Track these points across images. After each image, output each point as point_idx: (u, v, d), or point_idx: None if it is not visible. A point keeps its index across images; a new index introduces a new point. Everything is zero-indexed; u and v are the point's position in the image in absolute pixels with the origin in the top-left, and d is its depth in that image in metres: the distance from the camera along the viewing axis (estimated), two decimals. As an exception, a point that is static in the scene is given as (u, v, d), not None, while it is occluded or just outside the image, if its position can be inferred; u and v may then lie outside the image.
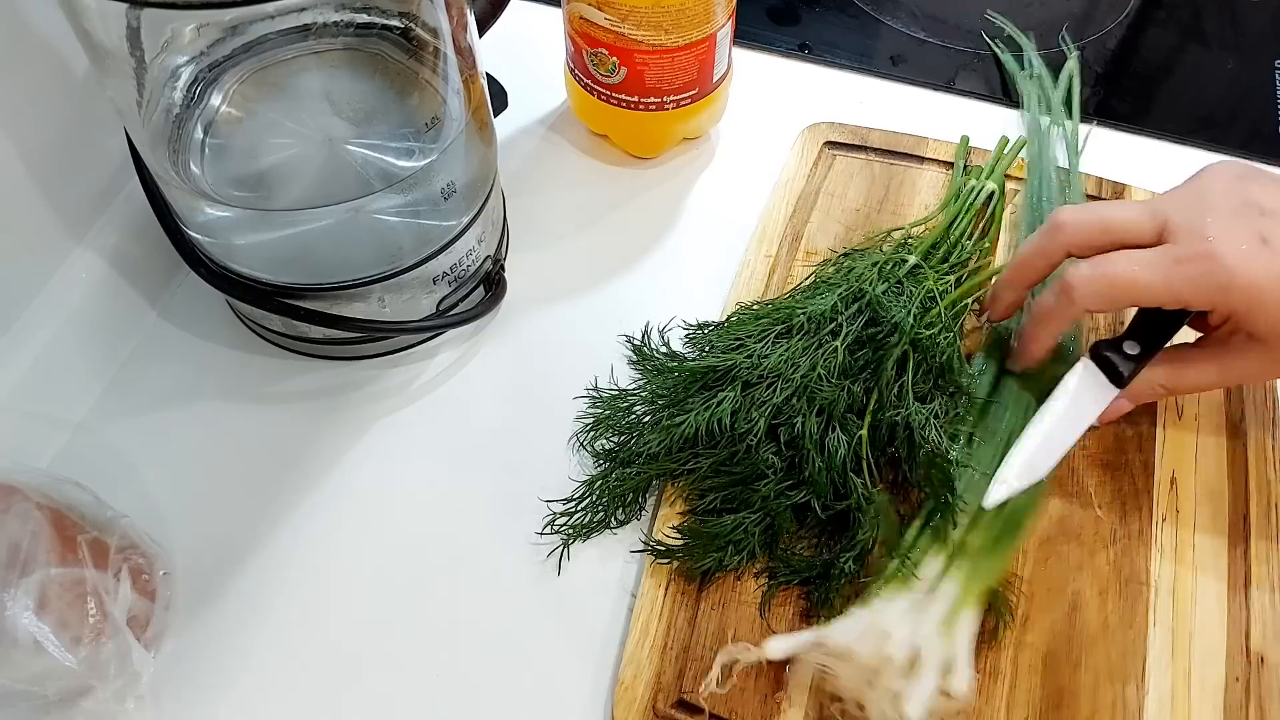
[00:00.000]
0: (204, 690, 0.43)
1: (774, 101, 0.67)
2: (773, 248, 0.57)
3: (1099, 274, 0.43)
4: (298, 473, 0.50)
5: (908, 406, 0.46)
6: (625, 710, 0.41)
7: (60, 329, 0.50)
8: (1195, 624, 0.44)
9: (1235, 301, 0.41)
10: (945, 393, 0.47)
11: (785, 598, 0.45)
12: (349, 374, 0.54)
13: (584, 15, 0.55)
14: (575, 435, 0.51)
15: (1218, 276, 0.41)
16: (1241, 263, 0.41)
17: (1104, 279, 0.43)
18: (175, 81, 0.47)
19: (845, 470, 0.45)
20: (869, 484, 0.45)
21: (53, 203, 0.50)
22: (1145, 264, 0.42)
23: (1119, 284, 0.43)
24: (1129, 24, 0.75)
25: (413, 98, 0.51)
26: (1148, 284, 0.42)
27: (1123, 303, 0.44)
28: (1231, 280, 0.40)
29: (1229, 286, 0.41)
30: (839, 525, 0.45)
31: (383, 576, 0.47)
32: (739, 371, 0.47)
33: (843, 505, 0.45)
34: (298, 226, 0.47)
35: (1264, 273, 0.41)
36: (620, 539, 0.47)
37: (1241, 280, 0.40)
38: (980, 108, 0.68)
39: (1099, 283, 0.43)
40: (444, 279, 0.52)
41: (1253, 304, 0.41)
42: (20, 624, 0.38)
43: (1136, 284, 0.42)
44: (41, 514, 0.41)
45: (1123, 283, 0.43)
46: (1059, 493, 0.48)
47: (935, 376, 0.47)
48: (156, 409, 0.52)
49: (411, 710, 0.43)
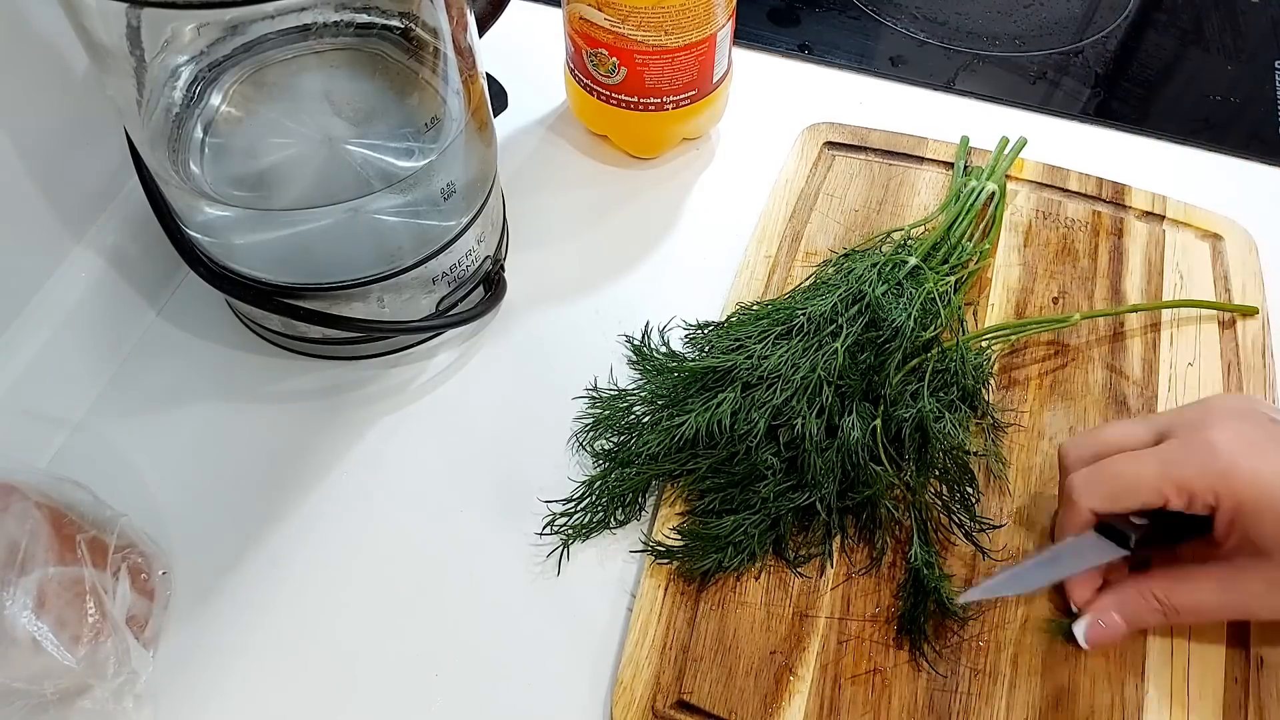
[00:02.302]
0: (202, 689, 0.43)
1: (774, 102, 0.67)
2: (772, 248, 0.57)
3: (1096, 471, 0.42)
4: (297, 472, 0.50)
5: (922, 400, 0.46)
6: (624, 710, 0.41)
7: (59, 328, 0.50)
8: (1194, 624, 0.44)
9: (1240, 492, 0.38)
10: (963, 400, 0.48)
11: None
12: (349, 374, 0.54)
13: (584, 15, 0.55)
14: (575, 435, 0.51)
15: (1219, 463, 0.39)
16: (1244, 453, 0.39)
17: (1100, 475, 0.42)
18: (175, 81, 0.47)
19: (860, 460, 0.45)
20: (890, 470, 0.45)
21: (52, 202, 0.49)
22: (1143, 457, 0.41)
23: (1117, 478, 0.41)
24: (1129, 25, 0.75)
25: (412, 98, 0.51)
26: (1147, 474, 0.40)
27: (1124, 498, 0.41)
28: (1234, 468, 0.39)
29: (1231, 475, 0.39)
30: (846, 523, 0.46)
31: (382, 576, 0.47)
32: (739, 372, 0.47)
33: (861, 496, 0.45)
34: (297, 226, 0.47)
35: (1271, 470, 0.38)
36: (620, 539, 0.47)
37: (1245, 470, 0.38)
38: (980, 108, 0.68)
39: (1096, 479, 0.42)
40: (444, 279, 0.51)
41: (1260, 499, 0.38)
42: (19, 623, 0.38)
43: (1135, 475, 0.41)
44: (40, 513, 0.41)
45: (1121, 476, 0.41)
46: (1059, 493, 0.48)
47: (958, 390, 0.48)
48: (156, 408, 0.52)
49: (411, 710, 0.43)
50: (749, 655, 0.43)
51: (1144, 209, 0.59)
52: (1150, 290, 0.55)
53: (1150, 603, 0.42)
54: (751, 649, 0.43)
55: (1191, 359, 0.52)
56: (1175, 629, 0.44)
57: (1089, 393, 0.51)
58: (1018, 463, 0.49)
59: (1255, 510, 0.38)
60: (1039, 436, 0.50)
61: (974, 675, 0.42)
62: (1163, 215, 0.58)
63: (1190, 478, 0.39)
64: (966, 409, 0.48)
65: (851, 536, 0.46)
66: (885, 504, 0.46)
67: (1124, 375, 0.52)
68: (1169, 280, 0.56)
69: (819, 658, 0.43)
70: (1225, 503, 0.39)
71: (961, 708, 0.42)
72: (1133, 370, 0.52)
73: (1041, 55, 0.72)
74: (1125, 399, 0.51)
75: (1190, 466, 0.40)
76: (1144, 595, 0.42)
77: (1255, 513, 0.38)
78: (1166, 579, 0.42)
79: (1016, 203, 0.59)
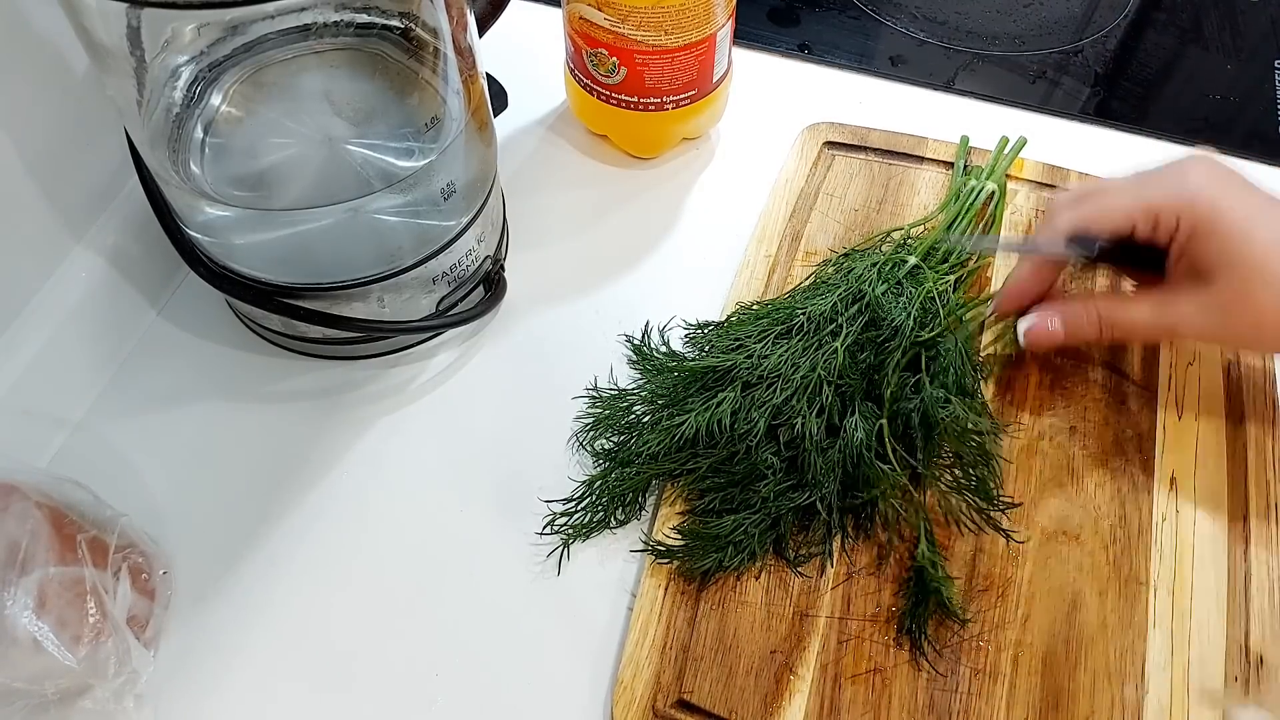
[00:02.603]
0: (203, 689, 0.43)
1: (774, 102, 0.67)
2: (772, 248, 0.57)
3: (1076, 193, 0.48)
4: (297, 472, 0.50)
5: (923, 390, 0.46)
6: (624, 710, 0.41)
7: (60, 328, 0.50)
8: (1194, 624, 0.44)
9: (1198, 213, 0.43)
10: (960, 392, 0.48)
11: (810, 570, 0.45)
12: (349, 374, 0.54)
13: (584, 15, 0.55)
14: (575, 435, 0.51)
15: (1187, 189, 0.44)
16: (1211, 185, 0.44)
17: (1078, 196, 0.47)
18: (175, 81, 0.47)
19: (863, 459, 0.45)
20: (897, 468, 0.45)
21: (52, 202, 0.49)
22: (1119, 185, 0.47)
23: (1093, 200, 0.46)
24: (1129, 24, 0.75)
25: (412, 98, 0.51)
26: (1121, 198, 0.45)
27: (1098, 220, 0.46)
28: (1199, 193, 0.43)
29: (1195, 200, 0.43)
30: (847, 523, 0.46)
31: (382, 576, 0.47)
32: (739, 372, 0.47)
33: (868, 496, 0.45)
34: (297, 226, 0.47)
35: (1232, 198, 0.43)
36: (620, 539, 0.47)
37: (1207, 196, 0.43)
38: (980, 108, 0.68)
39: (1075, 199, 0.47)
40: (444, 279, 0.51)
41: (1214, 221, 0.43)
42: (19, 623, 0.38)
43: (1110, 199, 0.46)
44: (41, 513, 0.41)
45: (1096, 198, 0.46)
46: (1059, 493, 0.48)
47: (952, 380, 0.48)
48: (156, 408, 0.52)
49: (410, 710, 0.43)
50: (749, 655, 0.43)
51: (1144, 208, 0.59)
52: (1150, 290, 0.55)
53: (1090, 314, 0.47)
54: (752, 648, 0.43)
55: (1191, 359, 0.52)
56: (1175, 629, 0.44)
57: (1089, 392, 0.51)
58: (1018, 462, 0.49)
59: (1207, 231, 0.43)
60: (1039, 437, 0.50)
61: (974, 675, 0.42)
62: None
63: (1159, 201, 0.44)
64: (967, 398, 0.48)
65: (852, 536, 0.46)
66: (892, 503, 0.46)
67: (1124, 375, 0.52)
68: (1169, 280, 0.56)
69: (819, 657, 0.43)
70: (1184, 226, 0.44)
71: (961, 708, 0.42)
72: (1133, 370, 0.52)
73: (1041, 55, 0.72)
74: (1125, 399, 0.51)
75: (1161, 192, 0.45)
76: (1087, 308, 0.48)
77: (1207, 234, 0.43)
78: (1109, 298, 0.48)
79: (1016, 202, 0.59)
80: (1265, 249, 0.42)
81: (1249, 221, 0.43)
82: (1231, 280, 0.43)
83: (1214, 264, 0.43)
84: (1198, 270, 0.44)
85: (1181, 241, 0.44)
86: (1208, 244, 0.43)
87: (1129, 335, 0.49)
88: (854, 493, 0.46)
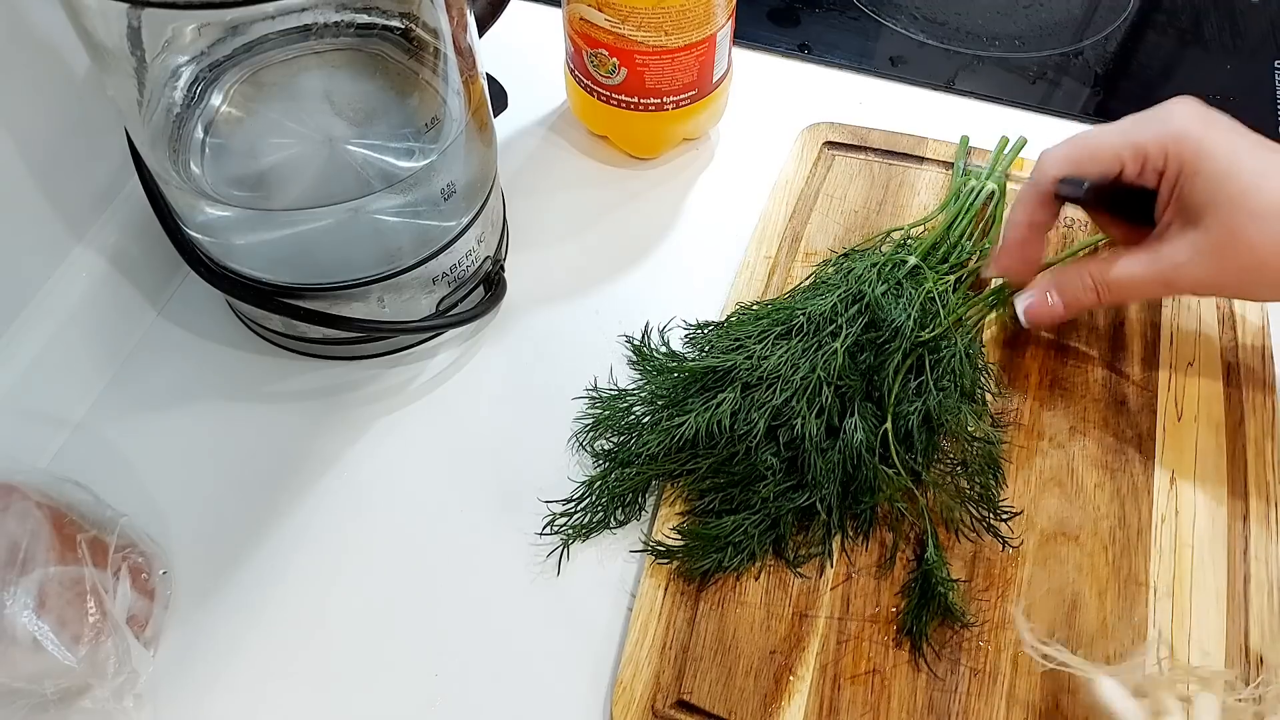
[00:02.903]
0: (203, 689, 0.43)
1: (774, 102, 0.67)
2: (772, 248, 0.57)
3: (1063, 142, 0.47)
4: (297, 472, 0.50)
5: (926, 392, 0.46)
6: (624, 710, 0.41)
7: (60, 328, 0.50)
8: (1194, 625, 0.44)
9: (1186, 150, 0.43)
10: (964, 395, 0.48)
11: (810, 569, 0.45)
12: (349, 374, 0.54)
13: (584, 16, 0.55)
14: (575, 435, 0.51)
15: (1173, 127, 0.44)
16: (1197, 123, 0.44)
17: (1066, 144, 0.47)
18: (176, 81, 0.47)
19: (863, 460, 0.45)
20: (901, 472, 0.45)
21: (53, 202, 0.50)
22: (1106, 128, 0.46)
23: (1080, 144, 0.46)
24: (1129, 25, 0.75)
25: (413, 98, 0.51)
26: (1108, 139, 0.45)
27: (1085, 163, 0.46)
28: (1186, 131, 0.43)
29: (1182, 137, 0.43)
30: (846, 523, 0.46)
31: (381, 576, 0.47)
32: (739, 372, 0.47)
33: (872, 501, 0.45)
34: (297, 226, 0.47)
35: (1218, 135, 0.43)
36: (620, 539, 0.47)
37: (1195, 133, 0.43)
38: (980, 108, 0.68)
39: (1062, 147, 0.47)
40: (444, 279, 0.52)
41: (1201, 158, 0.43)
42: (20, 622, 0.38)
43: (1097, 141, 0.46)
44: (41, 513, 0.41)
45: (1083, 141, 0.46)
46: (1058, 493, 0.48)
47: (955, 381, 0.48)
48: (156, 408, 0.52)
49: (410, 710, 0.43)
50: (749, 655, 0.43)
51: (1144, 209, 0.59)
52: (1150, 290, 0.55)
53: (1085, 280, 0.47)
54: (751, 649, 0.43)
55: (1191, 359, 0.52)
56: (1175, 629, 0.44)
57: (1089, 392, 0.51)
58: (1018, 463, 0.49)
59: (1193, 170, 0.43)
60: (1039, 437, 0.50)
61: (974, 675, 0.42)
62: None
63: (1146, 140, 0.44)
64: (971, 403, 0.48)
65: (851, 536, 0.46)
66: (899, 506, 0.46)
67: (1124, 375, 0.52)
68: (1169, 280, 0.56)
69: (818, 658, 0.43)
70: (1172, 164, 0.44)
71: (961, 708, 0.42)
72: (1133, 370, 0.52)
73: (1041, 55, 0.72)
74: (1125, 399, 0.51)
75: (1148, 131, 0.45)
76: (1080, 274, 0.47)
77: (1193, 172, 0.43)
78: (1101, 261, 0.47)
79: (1016, 203, 0.59)
80: (1252, 181, 0.41)
81: (1234, 155, 0.42)
82: (1220, 217, 0.42)
83: (1202, 203, 0.42)
84: (1187, 213, 0.43)
85: (1170, 181, 0.44)
86: (1194, 182, 0.43)
87: (1126, 293, 0.47)
88: (858, 497, 0.46)
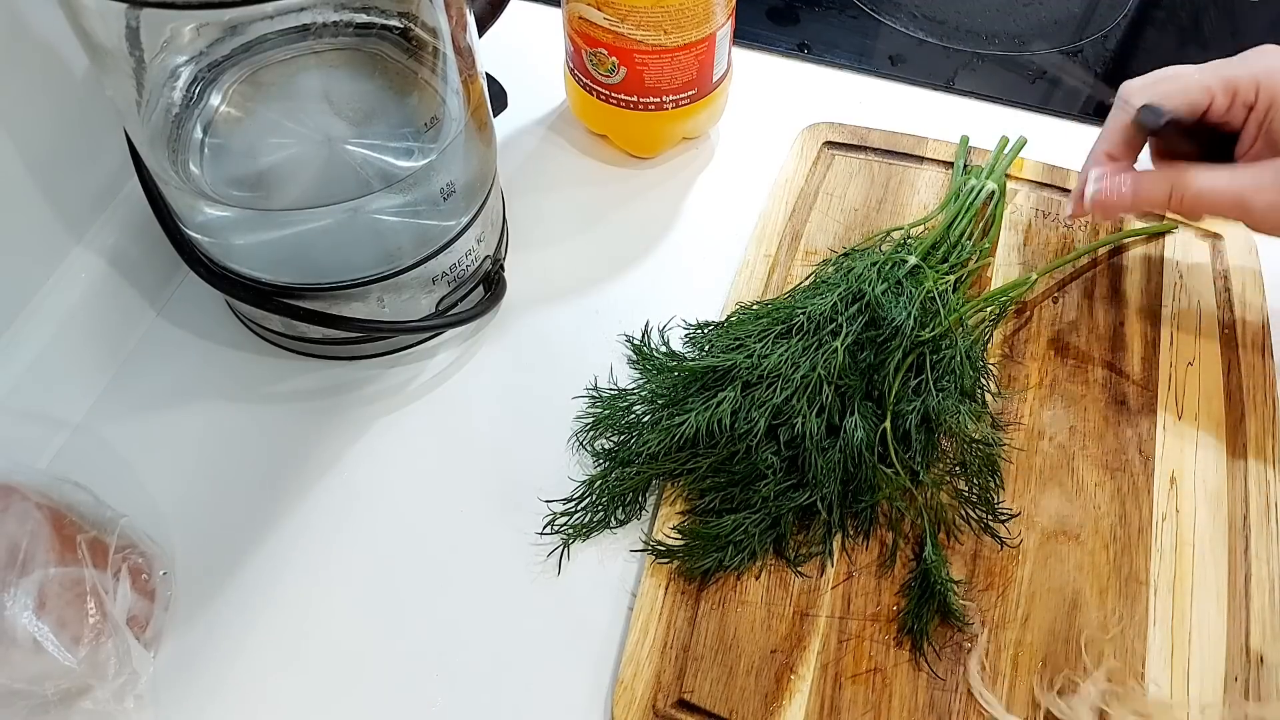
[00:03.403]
0: (203, 689, 0.43)
1: (773, 101, 0.67)
2: (772, 247, 0.57)
3: (1149, 75, 0.48)
4: (297, 472, 0.50)
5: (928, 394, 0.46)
6: (625, 709, 0.41)
7: (60, 329, 0.50)
8: (1195, 624, 0.44)
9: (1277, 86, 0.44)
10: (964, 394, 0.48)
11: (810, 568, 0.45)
12: (348, 374, 0.54)
13: (583, 15, 0.55)
14: (575, 435, 0.51)
15: (1265, 62, 0.45)
16: None
17: (1152, 75, 0.47)
18: (175, 81, 0.47)
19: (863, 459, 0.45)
20: (900, 471, 0.45)
21: (52, 202, 0.49)
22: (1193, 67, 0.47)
23: (1168, 76, 0.47)
24: (1128, 24, 0.75)
25: (412, 98, 0.51)
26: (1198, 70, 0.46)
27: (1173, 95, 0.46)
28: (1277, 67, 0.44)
29: (1274, 71, 0.44)
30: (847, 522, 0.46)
31: (382, 576, 0.47)
32: (739, 371, 0.47)
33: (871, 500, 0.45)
34: (297, 226, 0.47)
35: None
36: (620, 539, 0.47)
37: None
38: (980, 108, 0.68)
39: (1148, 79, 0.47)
40: (443, 279, 0.51)
41: None
42: (20, 623, 0.38)
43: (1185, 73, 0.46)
44: (41, 514, 0.41)
45: (1171, 74, 0.47)
46: (1059, 493, 0.48)
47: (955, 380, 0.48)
48: (156, 409, 0.52)
49: (411, 709, 0.43)
50: (749, 654, 0.43)
51: (1144, 208, 0.59)
52: (1150, 289, 0.55)
53: (1163, 181, 0.47)
54: (752, 648, 0.43)
55: (1191, 359, 0.52)
56: (1176, 628, 0.44)
57: (1089, 392, 0.51)
58: (1018, 462, 0.49)
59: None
60: (1039, 437, 0.50)
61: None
62: (1162, 214, 0.58)
63: (1237, 74, 0.45)
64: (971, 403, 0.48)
65: (852, 535, 0.46)
66: (898, 505, 0.46)
67: (1124, 375, 0.52)
68: (1168, 279, 0.56)
69: (819, 657, 0.43)
70: (1263, 97, 0.45)
71: (961, 708, 0.42)
72: (1133, 370, 0.52)
73: (1041, 54, 0.72)
74: (1125, 399, 0.51)
75: (1240, 68, 0.46)
76: (1159, 173, 0.47)
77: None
78: (1181, 166, 0.47)
79: (1016, 202, 0.59)
80: None
81: None
82: None
83: None
84: (1275, 141, 0.45)
85: (1260, 114, 0.45)
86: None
87: (1200, 202, 0.47)
88: (858, 496, 0.46)
